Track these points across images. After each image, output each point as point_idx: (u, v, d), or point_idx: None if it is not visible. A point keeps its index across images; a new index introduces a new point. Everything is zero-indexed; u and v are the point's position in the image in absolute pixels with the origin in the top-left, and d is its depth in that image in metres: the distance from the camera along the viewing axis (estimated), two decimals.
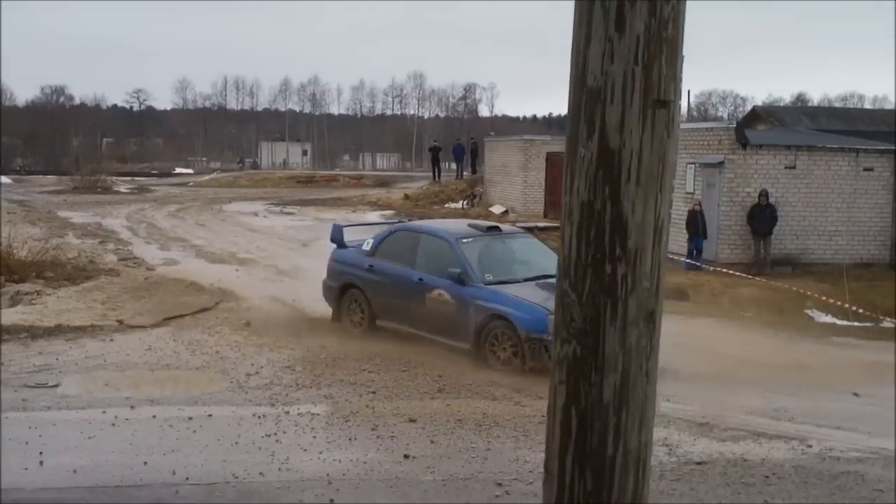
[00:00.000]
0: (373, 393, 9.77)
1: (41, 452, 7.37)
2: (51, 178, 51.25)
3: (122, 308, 14.17)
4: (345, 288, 12.89)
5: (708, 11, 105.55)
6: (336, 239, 13.45)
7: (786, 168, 20.71)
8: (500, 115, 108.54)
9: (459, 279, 11.53)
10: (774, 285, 18.02)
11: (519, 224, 26.46)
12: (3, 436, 7.76)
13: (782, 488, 7.25)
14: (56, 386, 9.84)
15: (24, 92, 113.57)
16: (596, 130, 2.18)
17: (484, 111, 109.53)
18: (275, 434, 8.17)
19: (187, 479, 6.89)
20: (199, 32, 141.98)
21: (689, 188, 21.79)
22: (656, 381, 2.25)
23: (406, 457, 7.63)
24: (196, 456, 7.49)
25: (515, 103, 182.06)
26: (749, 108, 46.32)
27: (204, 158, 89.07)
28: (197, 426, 8.32)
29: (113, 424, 8.33)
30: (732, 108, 78.46)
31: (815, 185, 20.79)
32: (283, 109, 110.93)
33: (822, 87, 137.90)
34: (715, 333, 14.20)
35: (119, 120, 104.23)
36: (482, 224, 13.66)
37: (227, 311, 14.16)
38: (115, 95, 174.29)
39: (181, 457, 7.43)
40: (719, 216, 20.55)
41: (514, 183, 34.03)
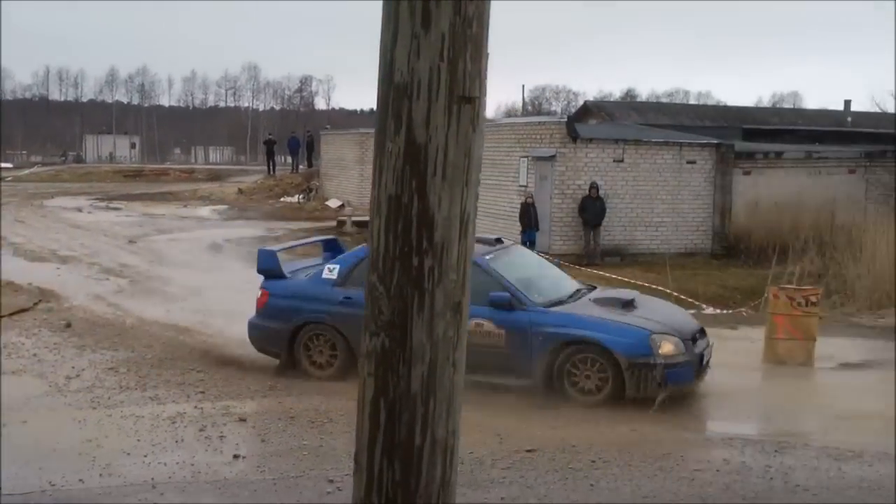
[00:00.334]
0: (202, 393, 9.57)
1: None
2: None
3: None
4: (299, 328, 10.55)
5: (541, 7, 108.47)
6: (269, 267, 10.91)
7: (614, 161, 21.43)
8: (337, 107, 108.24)
9: (508, 305, 9.84)
10: (603, 275, 18.62)
11: (355, 218, 26.47)
12: None
13: (607, 472, 7.50)
14: None
15: None
16: (403, 126, 2.21)
17: (321, 104, 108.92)
18: (96, 438, 7.89)
19: None
20: (20, 20, 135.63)
21: (523, 181, 22.26)
22: (463, 371, 2.30)
23: (236, 457, 7.52)
24: (9, 465, 7.15)
25: (353, 96, 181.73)
26: (581, 102, 47.68)
27: (24, 152, 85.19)
28: (11, 433, 7.95)
29: None
30: (565, 102, 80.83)
31: (641, 178, 21.60)
32: (110, 101, 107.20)
33: (651, 84, 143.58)
34: None
35: None
36: (485, 237, 11.64)
37: (46, 312, 13.56)
38: None
39: None
40: (551, 208, 21.09)
41: (350, 177, 33.95)
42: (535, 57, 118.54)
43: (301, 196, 36.28)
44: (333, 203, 33.03)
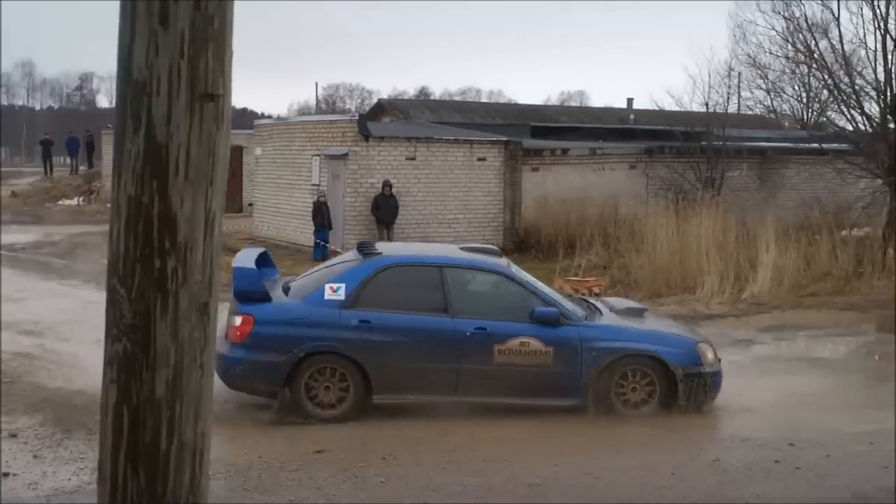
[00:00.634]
0: None
1: None
2: None
3: None
4: (301, 360, 9.04)
5: (336, 7, 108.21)
6: (250, 289, 9.21)
7: (407, 159, 21.66)
8: None
9: (554, 320, 9.36)
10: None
11: None
12: None
13: (398, 468, 7.58)
14: None
15: None
16: (142, 125, 2.15)
17: (103, 102, 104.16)
18: None
19: None
20: None
21: (315, 180, 22.18)
22: (213, 373, 2.27)
23: (6, 475, 7.12)
24: None
25: None
26: (375, 101, 47.88)
27: None
28: None
29: None
30: (360, 100, 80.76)
31: (434, 176, 21.92)
32: None
33: (444, 82, 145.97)
34: None
35: None
36: (479, 245, 11.39)
37: None
38: None
39: None
40: (344, 207, 21.10)
41: None
42: (329, 54, 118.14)
43: (81, 198, 34.78)
44: None
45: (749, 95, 24.81)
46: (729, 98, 24.69)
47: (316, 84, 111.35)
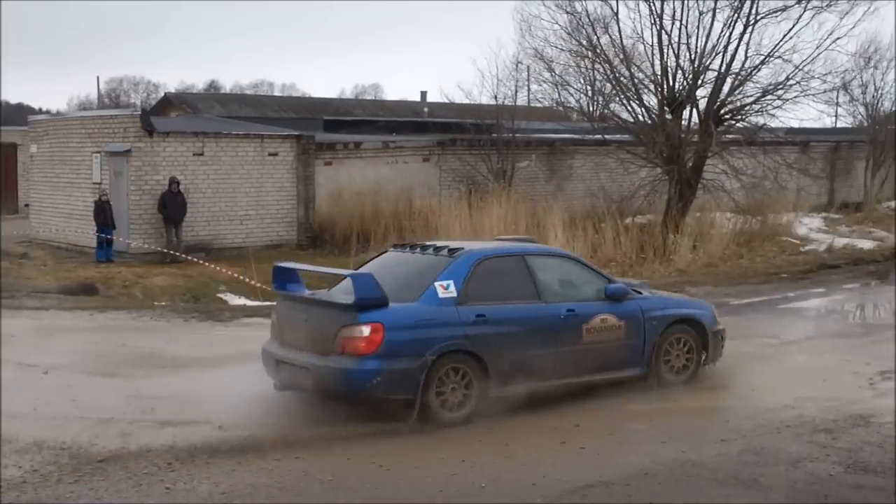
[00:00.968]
0: None
1: None
2: None
3: None
4: (433, 362, 8.58)
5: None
6: (372, 295, 8.58)
7: (194, 155, 20.93)
8: None
9: (623, 295, 9.84)
10: (188, 272, 18.14)
11: None
12: None
13: (184, 473, 7.22)
14: None
15: None
16: None
17: None
18: None
19: None
20: None
21: (97, 178, 21.13)
22: None
23: None
24: None
25: None
26: (162, 94, 46.25)
27: None
28: None
29: None
30: (145, 94, 77.55)
31: (223, 171, 21.30)
32: None
33: (235, 75, 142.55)
34: (128, 325, 13.99)
35: None
36: (514, 237, 12.17)
37: None
38: None
39: None
40: (129, 205, 20.18)
41: None
42: (113, 49, 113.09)
43: None
44: None
45: (538, 88, 25.41)
46: (517, 91, 25.23)
47: (97, 78, 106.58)
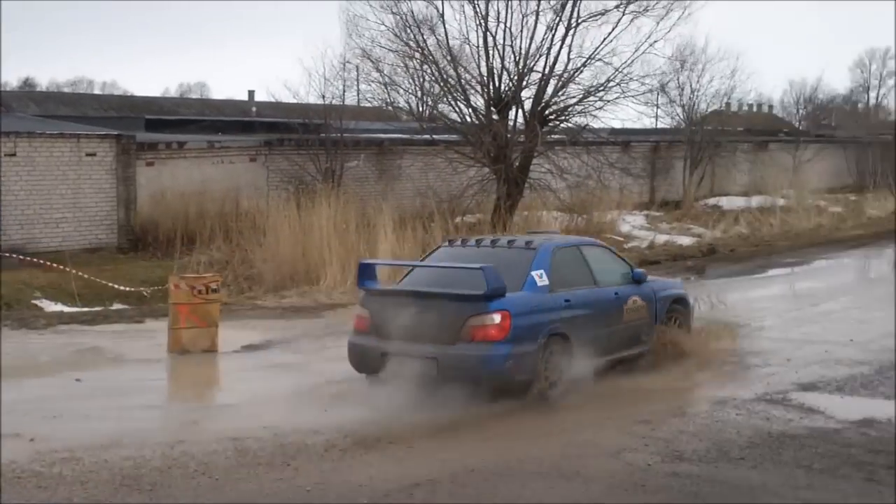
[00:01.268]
0: None
1: None
2: None
3: None
4: (543, 345, 9.60)
5: None
6: (498, 285, 9.32)
7: (6, 156, 19.88)
8: None
9: (643, 279, 11.30)
10: (2, 278, 17.24)
11: None
12: None
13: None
14: None
15: None
16: None
17: None
18: None
19: None
20: None
21: None
22: None
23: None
24: None
25: None
26: None
27: None
28: None
29: None
30: None
31: (37, 173, 20.28)
32: None
33: (51, 72, 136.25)
34: None
35: None
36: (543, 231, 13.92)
37: None
38: None
39: None
40: None
41: None
42: None
43: None
44: None
45: (367, 88, 25.29)
46: (345, 90, 25.02)
47: None
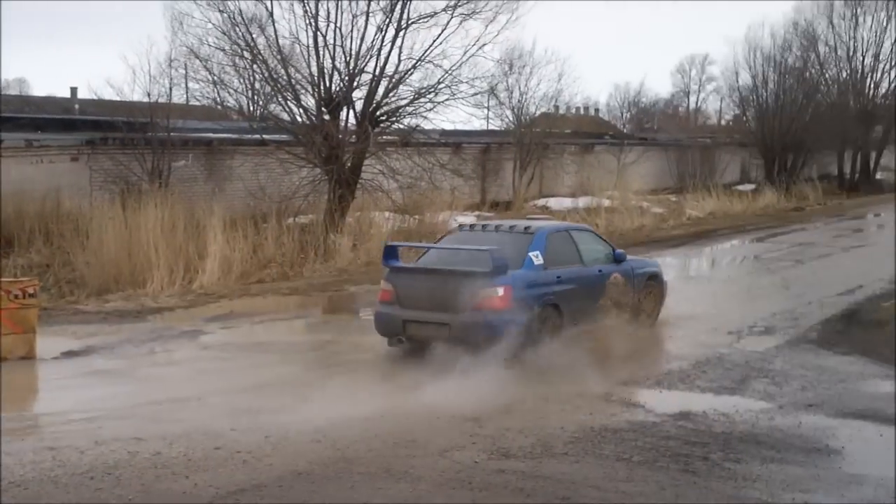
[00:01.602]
0: None
1: None
2: None
3: None
4: (538, 312, 11.55)
5: None
6: (502, 264, 11.25)
7: None
8: None
9: (623, 258, 13.19)
10: None
11: None
12: None
13: None
14: None
15: None
16: None
17: None
18: None
19: None
20: None
21: None
22: None
23: None
24: None
25: None
26: None
27: None
28: None
29: None
30: None
31: None
32: None
33: None
34: None
35: None
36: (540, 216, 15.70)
37: None
38: None
39: None
40: None
41: None
42: None
43: None
44: None
45: (196, 87, 24.68)
46: (173, 89, 24.34)
47: None
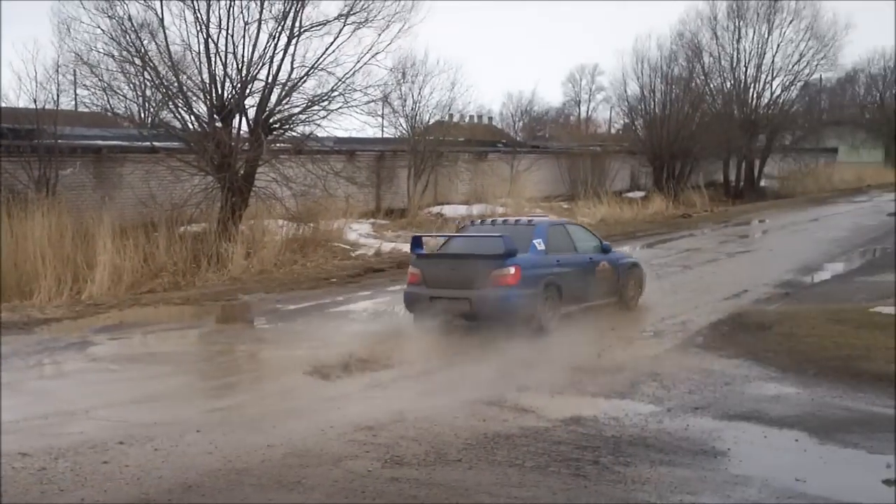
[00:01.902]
0: None
1: None
2: None
3: None
4: (542, 290, 13.57)
5: None
6: (513, 248, 13.43)
7: None
8: None
9: (609, 249, 15.47)
10: None
11: None
12: None
13: None
14: None
15: None
16: None
17: None
18: None
19: None
20: None
21: None
22: None
23: None
24: None
25: None
26: None
27: None
28: None
29: None
30: None
31: None
32: None
33: None
34: None
35: None
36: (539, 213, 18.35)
37: None
38: None
39: None
40: None
41: None
42: None
43: None
44: None
45: (85, 93, 24.11)
46: (60, 95, 23.74)
47: None
